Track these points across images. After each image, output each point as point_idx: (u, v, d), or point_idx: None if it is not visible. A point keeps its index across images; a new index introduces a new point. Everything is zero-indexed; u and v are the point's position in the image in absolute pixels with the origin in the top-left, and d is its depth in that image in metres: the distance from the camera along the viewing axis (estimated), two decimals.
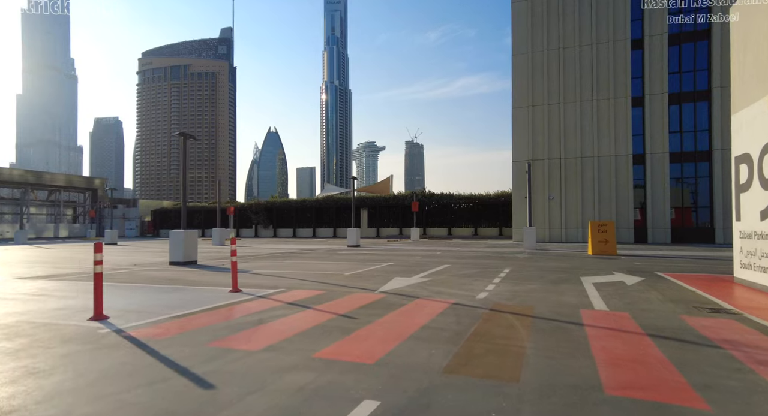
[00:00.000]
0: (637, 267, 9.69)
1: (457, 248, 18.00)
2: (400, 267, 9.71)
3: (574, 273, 8.39)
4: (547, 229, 25.03)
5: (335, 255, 13.84)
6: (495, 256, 13.17)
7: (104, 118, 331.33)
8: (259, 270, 9.22)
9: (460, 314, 4.62)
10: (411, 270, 8.91)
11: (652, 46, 23.54)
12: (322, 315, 4.57)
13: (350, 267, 9.76)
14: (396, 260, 11.68)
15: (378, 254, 14.44)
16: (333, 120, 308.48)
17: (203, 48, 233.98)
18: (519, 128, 26.00)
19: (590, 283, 7.00)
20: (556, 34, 25.21)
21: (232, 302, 5.38)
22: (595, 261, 11.45)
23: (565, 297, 5.70)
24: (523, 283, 7.04)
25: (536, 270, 9.09)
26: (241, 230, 45.78)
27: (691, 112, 23.29)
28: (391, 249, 17.35)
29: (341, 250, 17.01)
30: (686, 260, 11.77)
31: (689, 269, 9.27)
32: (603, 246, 14.07)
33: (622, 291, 6.23)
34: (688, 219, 23.37)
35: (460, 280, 7.38)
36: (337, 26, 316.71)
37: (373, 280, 7.39)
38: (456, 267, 9.72)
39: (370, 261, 11.53)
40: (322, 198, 42.88)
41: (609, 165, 24.02)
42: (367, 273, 8.51)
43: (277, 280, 7.47)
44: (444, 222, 37.92)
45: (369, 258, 12.65)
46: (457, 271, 8.79)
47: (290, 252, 16.09)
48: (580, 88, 24.69)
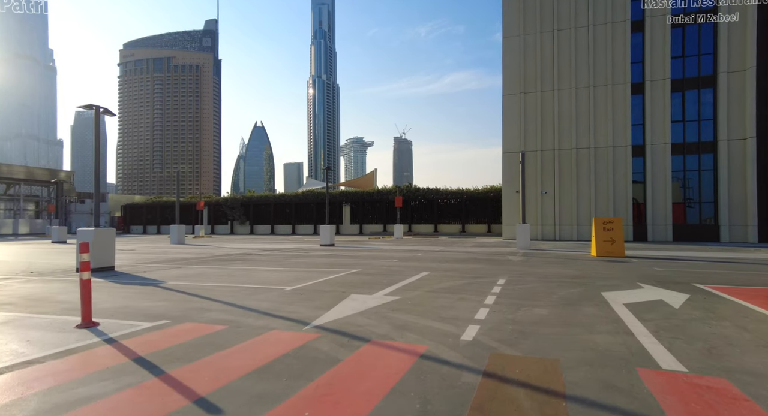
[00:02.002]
0: (662, 275, 7.74)
1: (442, 248, 15.98)
2: (366, 276, 7.61)
3: (591, 286, 6.38)
4: (539, 226, 23.17)
5: (296, 259, 11.69)
6: (485, 259, 11.15)
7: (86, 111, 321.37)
8: (176, 282, 7.03)
9: (430, 391, 2.52)
10: (377, 282, 6.81)
11: (654, 28, 21.73)
12: (163, 398, 2.42)
13: (301, 277, 7.63)
14: (366, 265, 9.57)
15: (349, 256, 12.32)
16: (320, 115, 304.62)
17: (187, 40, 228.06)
18: (510, 117, 24.04)
19: (620, 304, 4.99)
20: (550, 14, 23.24)
21: (36, 357, 3.20)
22: (605, 265, 9.50)
23: (599, 336, 3.66)
24: (528, 305, 4.99)
25: (539, 280, 7.07)
26: (216, 226, 43.24)
27: (695, 100, 21.56)
28: (367, 250, 15.25)
29: (309, 251, 14.85)
30: (712, 264, 9.88)
31: (730, 279, 7.34)
32: (609, 246, 12.16)
33: (676, 320, 4.22)
34: (690, 215, 21.69)
35: (438, 300, 5.30)
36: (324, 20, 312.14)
37: (317, 301, 5.27)
38: (437, 276, 7.65)
39: (333, 266, 9.41)
40: (303, 193, 40.52)
41: (606, 157, 22.21)
42: (316, 287, 6.38)
43: (181, 302, 5.29)
44: (430, 218, 35.94)
45: (335, 262, 10.52)
46: (436, 283, 6.72)
47: (248, 253, 13.87)
48: (575, 73, 22.80)
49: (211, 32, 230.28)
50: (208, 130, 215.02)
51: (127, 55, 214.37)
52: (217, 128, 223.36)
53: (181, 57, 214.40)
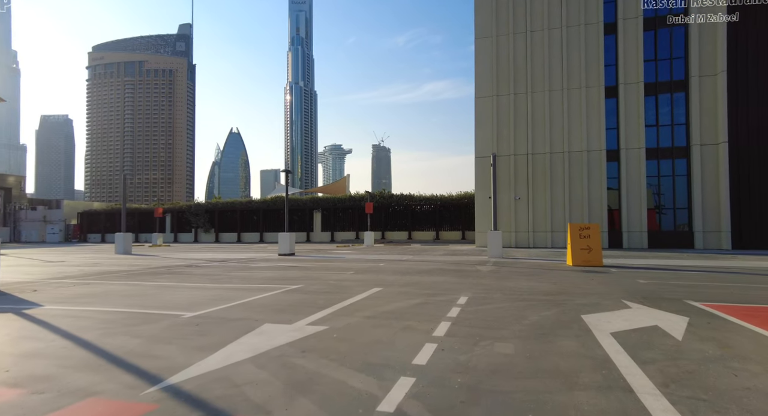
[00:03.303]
0: (648, 289, 6.71)
1: (409, 257, 14.77)
2: (303, 295, 6.31)
3: (569, 307, 5.25)
4: (513, 233, 22.29)
5: (238, 271, 10.26)
6: (452, 270, 9.99)
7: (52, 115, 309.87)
8: (53, 307, 5.57)
9: None
10: (310, 304, 5.52)
11: (627, 31, 21.33)
12: None
13: (222, 296, 6.26)
14: (312, 280, 8.25)
15: (301, 268, 10.97)
16: (298, 121, 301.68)
17: (160, 44, 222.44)
18: (482, 120, 23.21)
19: (607, 334, 3.85)
20: (523, 15, 22.62)
21: None
22: (582, 277, 8.46)
23: (584, 395, 2.48)
24: (489, 337, 3.79)
25: (508, 298, 5.92)
26: (180, 234, 41.02)
27: (668, 104, 21.19)
28: (327, 260, 13.90)
29: (261, 262, 13.40)
30: (697, 275, 8.98)
31: (725, 294, 6.37)
32: (586, 255, 11.19)
33: (686, 362, 3.08)
34: (665, 222, 21.20)
35: (375, 332, 4.04)
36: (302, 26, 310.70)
37: (210, 337, 3.93)
38: (389, 293, 6.41)
39: (273, 282, 8.06)
40: (271, 199, 38.79)
41: (580, 161, 21.58)
42: (225, 314, 5.04)
43: (10, 343, 3.89)
44: (404, 225, 34.83)
45: (280, 276, 9.17)
46: (383, 304, 5.47)
47: (190, 265, 12.34)
48: (549, 75, 22.18)
49: (185, 37, 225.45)
50: (181, 136, 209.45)
51: (97, 58, 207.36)
52: (191, 134, 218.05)
53: (154, 61, 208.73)
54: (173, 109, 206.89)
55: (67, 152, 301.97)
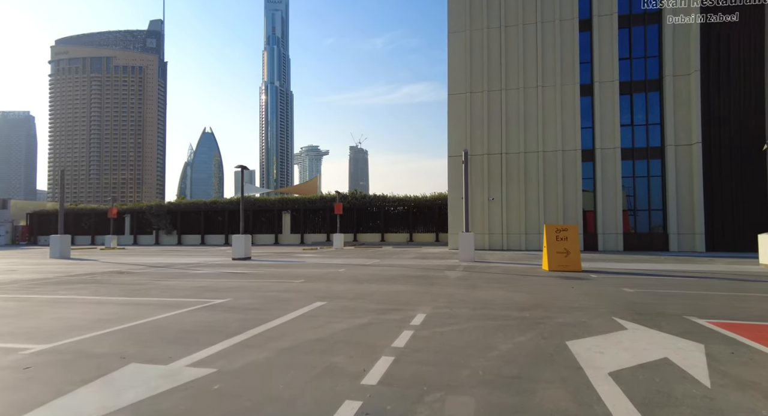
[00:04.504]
0: (639, 302, 5.73)
1: (376, 261, 13.59)
2: (219, 314, 5.02)
3: (549, 328, 4.16)
4: (486, 235, 21.42)
5: (169, 279, 8.85)
6: (417, 276, 8.86)
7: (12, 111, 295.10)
8: None
9: None
10: (217, 330, 4.24)
11: (602, 28, 20.81)
12: None
13: (116, 316, 4.90)
14: (246, 292, 6.95)
15: (243, 276, 9.62)
16: (273, 122, 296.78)
17: (129, 40, 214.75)
18: (455, 118, 22.29)
19: (605, 376, 2.75)
20: (497, 9, 21.84)
21: None
22: (561, 285, 7.46)
23: None
24: (441, 383, 2.64)
25: (475, 315, 4.80)
26: (140, 237, 38.60)
27: (642, 103, 20.76)
28: (282, 265, 12.56)
29: (208, 266, 11.94)
30: (686, 282, 8.13)
31: (730, 307, 5.44)
32: (563, 259, 10.26)
33: None
34: (641, 223, 20.73)
35: (281, 379, 2.83)
36: (278, 26, 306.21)
37: (20, 393, 2.64)
38: (329, 311, 5.20)
39: (197, 295, 6.72)
40: (237, 199, 36.88)
41: (555, 161, 20.91)
42: (90, 346, 3.72)
43: None
44: (377, 227, 33.64)
45: (211, 286, 7.82)
46: (315, 329, 4.25)
47: (122, 271, 10.80)
48: (523, 72, 21.45)
49: (156, 33, 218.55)
50: (152, 135, 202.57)
51: (60, 53, 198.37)
52: (162, 133, 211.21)
53: (123, 57, 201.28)
54: (143, 108, 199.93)
55: (29, 150, 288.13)
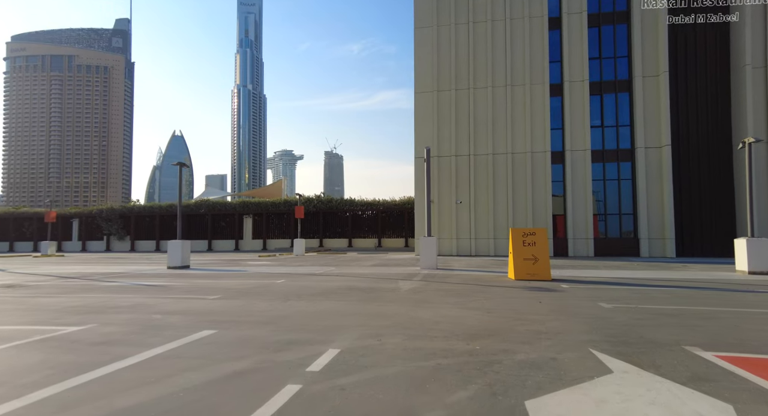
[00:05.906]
0: (621, 322, 4.56)
1: (330, 269, 12.16)
2: (41, 354, 3.53)
3: (502, 376, 2.88)
4: (454, 240, 20.32)
5: (55, 296, 7.21)
6: (362, 289, 7.52)
7: None
8: None
9: None
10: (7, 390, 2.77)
11: (571, 26, 20.17)
12: None
13: None
14: (125, 316, 5.42)
15: (151, 292, 8.04)
16: (246, 125, 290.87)
17: (93, 38, 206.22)
18: (422, 118, 21.20)
19: None
20: (466, 4, 20.94)
21: None
22: (527, 298, 6.26)
23: None
24: None
25: (405, 351, 3.49)
26: (89, 243, 35.77)
27: (612, 104, 20.19)
28: (215, 275, 10.97)
29: (129, 277, 10.22)
30: (665, 293, 7.09)
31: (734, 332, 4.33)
32: (531, 266, 9.13)
33: None
34: (611, 228, 20.08)
35: None
36: (251, 29, 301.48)
37: None
38: (199, 349, 3.78)
39: (56, 318, 5.16)
40: (195, 203, 34.70)
41: (524, 163, 20.06)
42: None
43: None
44: (344, 232, 32.19)
45: (97, 304, 6.25)
46: (137, 392, 2.82)
47: (23, 283, 9.01)
48: (492, 71, 20.58)
49: (122, 32, 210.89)
50: (117, 138, 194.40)
51: (17, 49, 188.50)
52: (129, 136, 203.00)
53: (86, 56, 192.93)
54: (109, 109, 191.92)
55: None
